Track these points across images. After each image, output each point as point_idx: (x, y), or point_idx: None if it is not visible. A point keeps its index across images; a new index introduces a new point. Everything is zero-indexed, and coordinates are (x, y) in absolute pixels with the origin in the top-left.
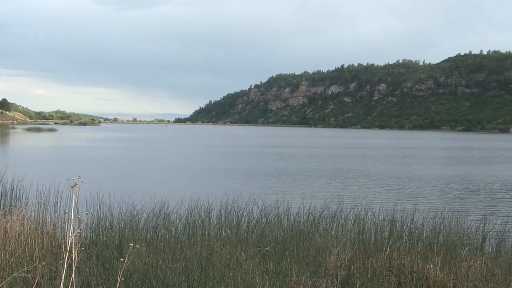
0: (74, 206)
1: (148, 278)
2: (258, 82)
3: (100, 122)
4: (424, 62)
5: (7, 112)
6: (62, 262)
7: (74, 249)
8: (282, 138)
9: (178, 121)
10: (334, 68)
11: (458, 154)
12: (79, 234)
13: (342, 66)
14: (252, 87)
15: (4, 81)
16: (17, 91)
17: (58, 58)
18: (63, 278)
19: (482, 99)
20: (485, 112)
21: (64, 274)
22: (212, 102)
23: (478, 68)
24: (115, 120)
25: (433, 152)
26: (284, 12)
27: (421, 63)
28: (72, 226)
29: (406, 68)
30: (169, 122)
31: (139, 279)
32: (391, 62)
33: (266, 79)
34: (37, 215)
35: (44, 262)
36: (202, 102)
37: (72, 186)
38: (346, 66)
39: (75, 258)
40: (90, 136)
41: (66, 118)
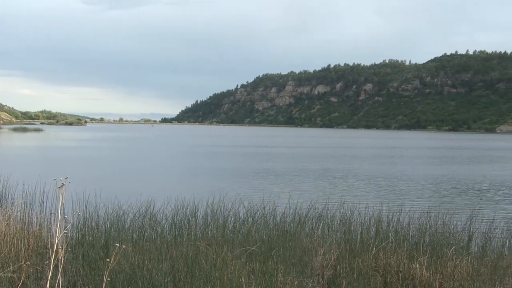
0: (61, 206)
1: (134, 278)
2: (245, 82)
3: (86, 122)
4: (410, 62)
5: None
6: (48, 262)
7: (60, 249)
8: (269, 138)
9: (165, 121)
10: (320, 68)
11: (445, 154)
12: (65, 235)
13: (329, 66)
14: (238, 87)
15: None
16: (3, 91)
17: (45, 57)
18: (49, 278)
19: (468, 99)
20: (471, 112)
21: (50, 275)
22: (198, 102)
23: (464, 68)
24: (101, 120)
25: (420, 152)
26: (270, 12)
27: (407, 63)
28: (58, 226)
29: (392, 68)
30: (155, 122)
31: (125, 279)
32: (378, 62)
33: (253, 79)
34: (23, 215)
35: (29, 262)
36: (189, 102)
37: (59, 187)
38: (332, 66)
39: (61, 259)
40: (76, 136)
41: (52, 118)
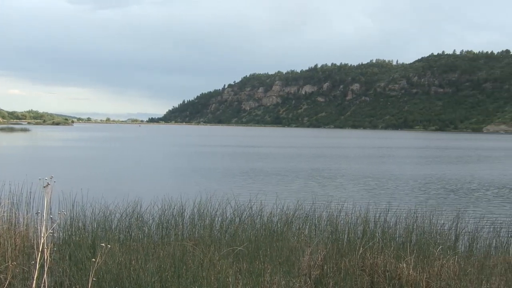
0: (47, 206)
1: (121, 278)
2: (232, 82)
3: (73, 122)
4: (397, 62)
5: None
6: (34, 262)
7: (46, 249)
8: (256, 138)
9: (152, 120)
10: (307, 68)
11: (433, 154)
12: (52, 235)
13: (316, 66)
14: (225, 87)
15: None
16: None
17: (32, 57)
18: (35, 278)
19: (455, 99)
20: (458, 111)
21: (36, 274)
22: (185, 102)
23: (451, 68)
24: (89, 120)
25: (407, 151)
26: (257, 11)
27: (394, 63)
28: (44, 226)
29: (379, 68)
30: (142, 122)
31: (112, 279)
32: (365, 62)
33: (240, 79)
34: (9, 215)
35: (16, 263)
36: (176, 101)
37: (44, 186)
38: (319, 66)
39: (47, 258)
40: (63, 136)
41: (39, 118)
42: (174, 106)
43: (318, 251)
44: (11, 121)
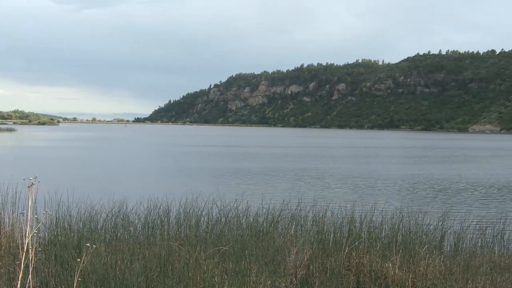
0: (31, 206)
1: (106, 278)
2: (218, 82)
3: (59, 122)
4: (383, 62)
5: None
6: (19, 262)
7: (31, 249)
8: (242, 138)
9: (138, 120)
10: (293, 67)
11: (419, 154)
12: (37, 235)
13: (302, 65)
14: (211, 87)
15: None
16: None
17: (18, 57)
18: (20, 278)
19: (441, 99)
20: (444, 111)
21: (21, 275)
22: (171, 102)
23: (437, 68)
24: (74, 120)
25: (394, 151)
26: (244, 11)
27: (380, 63)
28: (29, 226)
29: (365, 68)
30: (128, 121)
31: (98, 280)
32: (351, 62)
33: (226, 79)
34: None
35: (1, 263)
36: (162, 101)
37: (29, 186)
38: (305, 66)
39: (32, 259)
40: (49, 136)
41: (25, 118)
42: (160, 106)
43: (304, 251)
44: None
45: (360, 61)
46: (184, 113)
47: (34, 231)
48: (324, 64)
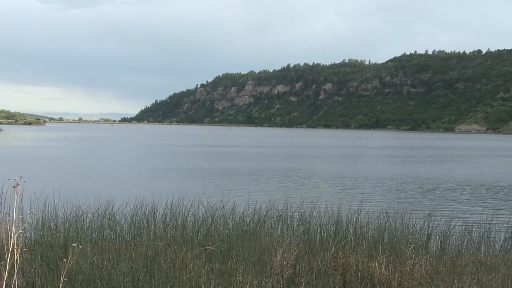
0: (17, 206)
1: (93, 279)
2: (204, 82)
3: (45, 121)
4: (369, 61)
5: None
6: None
7: (16, 249)
8: (228, 138)
9: (124, 120)
10: (280, 67)
11: (406, 153)
12: (23, 235)
13: (288, 65)
14: (198, 87)
15: None
16: None
17: (3, 57)
18: (5, 279)
19: (427, 99)
20: (430, 111)
21: (6, 275)
22: (158, 102)
23: (423, 67)
24: (61, 119)
25: (381, 151)
26: (230, 11)
27: (366, 63)
28: (14, 226)
29: (352, 67)
30: (114, 121)
31: (84, 280)
32: (337, 61)
33: (212, 79)
34: None
35: None
36: (148, 101)
37: (14, 186)
38: (292, 65)
39: (18, 259)
40: (35, 136)
41: (11, 118)
42: (146, 106)
43: (290, 251)
44: None
45: (346, 61)
46: (170, 113)
47: (20, 231)
48: (310, 64)
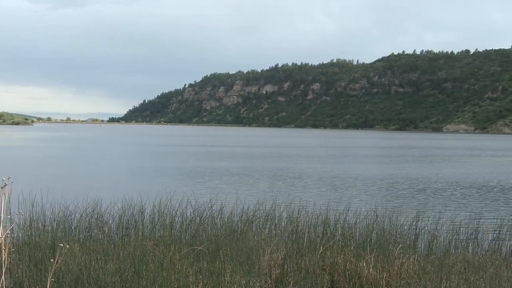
0: (4, 206)
1: (81, 279)
2: (193, 82)
3: (33, 121)
4: (358, 61)
5: None
6: None
7: (4, 250)
8: (216, 138)
9: (112, 120)
10: (268, 67)
11: (395, 153)
12: (11, 235)
13: (276, 65)
14: (186, 87)
15: None
16: None
17: None
18: None
19: (415, 99)
20: (418, 111)
21: None
22: (146, 102)
23: (411, 67)
24: (49, 119)
25: (370, 151)
26: (218, 11)
27: (355, 63)
28: (2, 227)
29: (340, 67)
30: (103, 121)
31: (72, 280)
32: (325, 61)
33: (201, 79)
34: None
35: None
36: (136, 101)
37: (1, 187)
38: (280, 65)
39: (5, 259)
40: (23, 136)
41: None
42: (134, 106)
43: (278, 251)
44: None
45: (334, 61)
46: (158, 113)
47: (8, 232)
48: (298, 64)
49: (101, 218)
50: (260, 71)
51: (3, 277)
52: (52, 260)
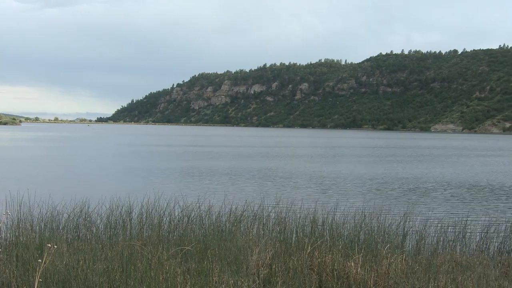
0: None
1: (68, 279)
2: (181, 81)
3: (21, 121)
4: (346, 61)
5: None
6: None
7: None
8: (205, 137)
9: (100, 120)
10: (256, 67)
11: (383, 153)
12: None
13: (265, 65)
14: (174, 86)
15: None
16: None
17: None
18: None
19: (403, 98)
20: (406, 111)
21: None
22: (134, 101)
23: (400, 67)
24: (37, 119)
25: (358, 151)
26: (207, 11)
27: (343, 63)
28: None
29: (328, 67)
30: (91, 121)
31: (60, 280)
32: (313, 61)
33: (189, 78)
34: None
35: None
36: (124, 101)
37: None
38: (268, 65)
39: None
40: (11, 135)
41: None
42: (122, 106)
43: (266, 250)
44: None
45: (323, 60)
46: (147, 112)
47: None
48: (287, 63)
49: (89, 218)
50: (248, 71)
51: None
52: (39, 260)
